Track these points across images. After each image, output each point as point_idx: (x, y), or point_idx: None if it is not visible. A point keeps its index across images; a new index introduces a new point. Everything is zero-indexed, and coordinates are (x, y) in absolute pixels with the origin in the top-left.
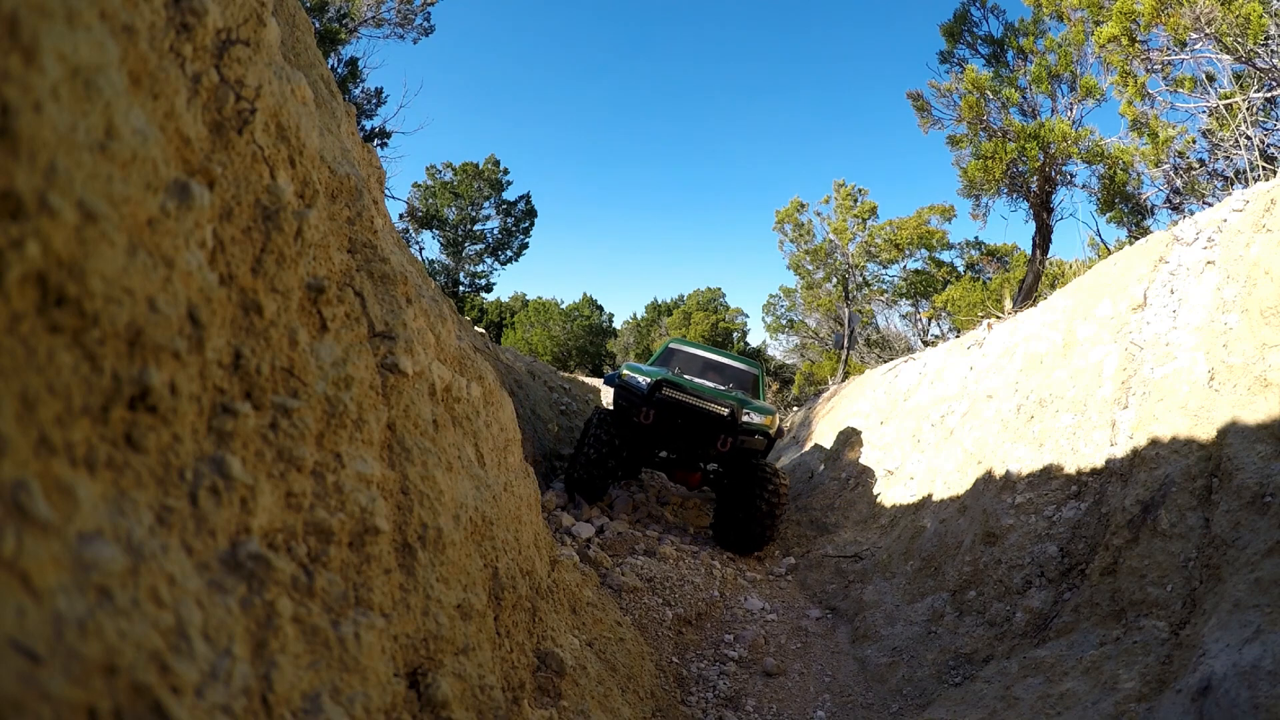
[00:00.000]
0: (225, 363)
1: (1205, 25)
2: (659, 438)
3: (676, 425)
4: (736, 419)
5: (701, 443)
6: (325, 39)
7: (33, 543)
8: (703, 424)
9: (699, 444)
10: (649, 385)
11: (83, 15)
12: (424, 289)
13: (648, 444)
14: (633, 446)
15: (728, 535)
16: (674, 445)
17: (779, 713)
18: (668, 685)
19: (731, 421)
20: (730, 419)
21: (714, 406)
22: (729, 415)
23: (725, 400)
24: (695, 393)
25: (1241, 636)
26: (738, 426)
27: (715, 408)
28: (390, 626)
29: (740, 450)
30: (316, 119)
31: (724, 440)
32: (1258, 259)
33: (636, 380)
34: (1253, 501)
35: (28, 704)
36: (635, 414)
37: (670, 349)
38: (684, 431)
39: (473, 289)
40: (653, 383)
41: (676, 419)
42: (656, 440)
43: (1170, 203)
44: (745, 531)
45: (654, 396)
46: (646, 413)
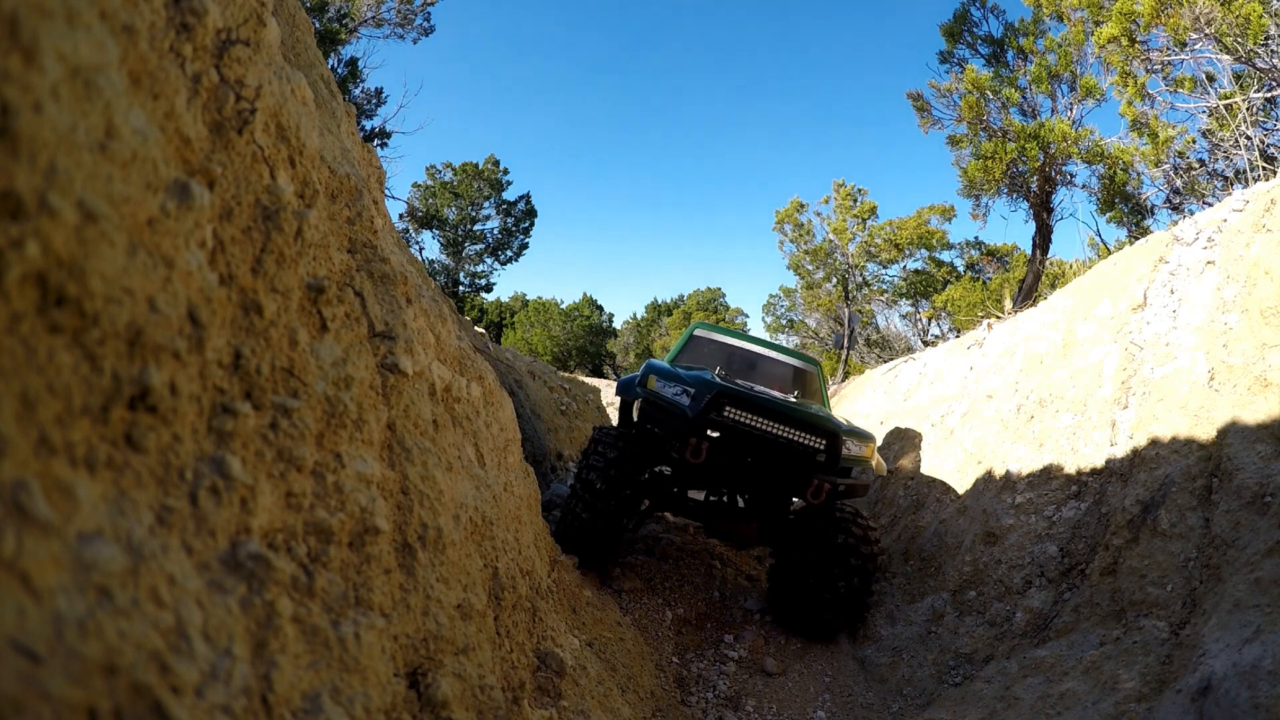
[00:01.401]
0: (225, 363)
1: (1205, 25)
2: (713, 480)
3: (744, 465)
4: (837, 454)
5: (781, 489)
6: (325, 39)
7: (33, 543)
8: (787, 463)
9: (776, 491)
10: (701, 401)
11: (83, 15)
12: (424, 289)
13: (688, 488)
14: (662, 494)
15: (794, 611)
16: (734, 491)
17: (779, 713)
18: (668, 685)
19: (831, 458)
20: (830, 454)
21: (805, 437)
22: (827, 449)
23: (818, 423)
24: (772, 411)
25: (1241, 636)
26: (838, 464)
27: (807, 439)
28: (390, 626)
29: (834, 497)
30: (316, 119)
31: (818, 486)
32: (1258, 259)
33: (675, 394)
34: (1253, 501)
35: (28, 704)
36: (677, 447)
37: (698, 338)
38: (755, 473)
39: (473, 289)
40: (710, 397)
41: (745, 456)
42: (705, 483)
43: (1170, 203)
44: (822, 610)
45: (708, 420)
46: (698, 446)
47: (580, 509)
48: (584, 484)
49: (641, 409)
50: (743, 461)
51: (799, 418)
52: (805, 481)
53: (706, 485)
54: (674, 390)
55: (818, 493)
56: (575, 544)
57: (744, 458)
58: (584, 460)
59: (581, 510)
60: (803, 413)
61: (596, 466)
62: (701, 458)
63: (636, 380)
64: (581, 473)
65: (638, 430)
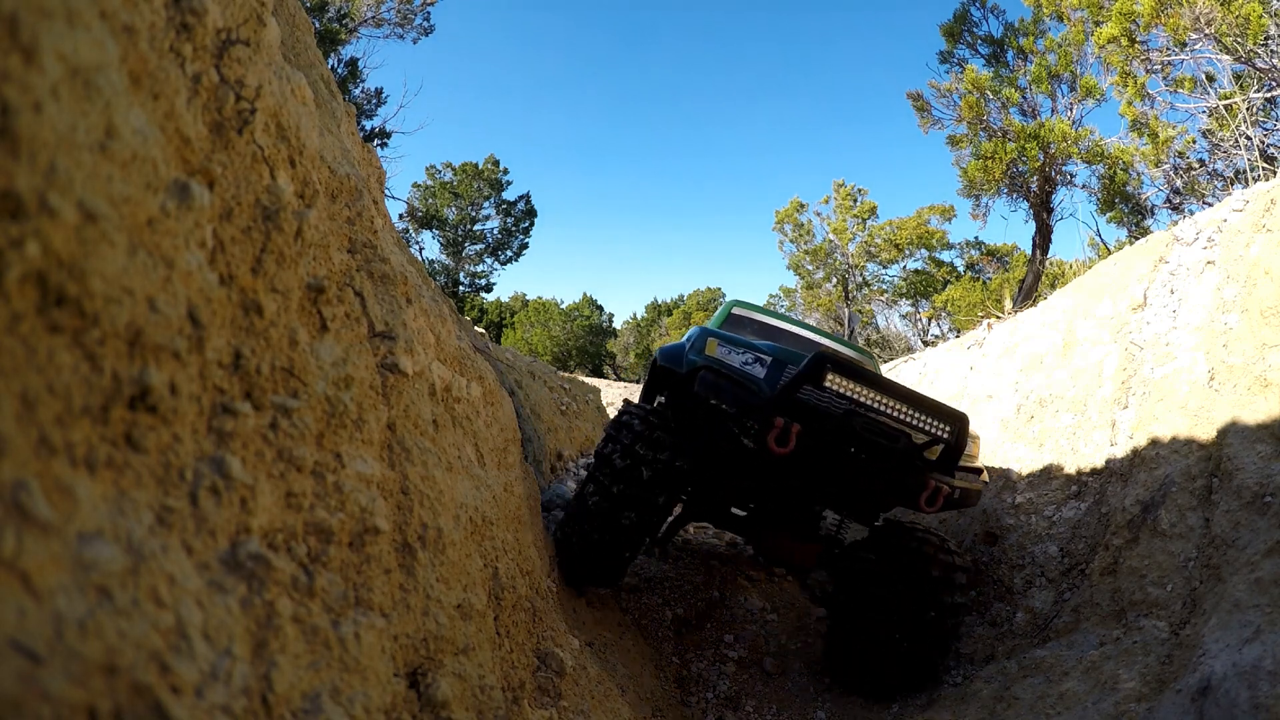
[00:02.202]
0: (225, 363)
1: (1205, 25)
2: (792, 480)
3: (844, 457)
4: (962, 448)
5: (884, 494)
6: (325, 39)
7: (33, 543)
8: (900, 457)
9: (877, 496)
10: (779, 372)
11: (83, 15)
12: (424, 289)
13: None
14: (710, 496)
15: (861, 664)
16: (816, 494)
17: (779, 713)
18: (668, 685)
19: (953, 453)
20: (954, 448)
21: (929, 423)
22: (953, 441)
23: (943, 406)
24: (889, 386)
25: (1241, 636)
26: (958, 461)
27: (932, 425)
28: (390, 626)
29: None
30: (316, 119)
31: (935, 491)
32: (1258, 259)
33: (745, 362)
34: (1253, 501)
35: (28, 704)
36: (754, 430)
37: (737, 316)
38: (857, 470)
39: (473, 289)
40: (812, 361)
41: (849, 444)
42: (781, 483)
43: (1170, 203)
44: (897, 660)
45: (798, 397)
46: (785, 430)
47: (592, 526)
48: (599, 489)
49: (702, 382)
50: (843, 452)
51: (920, 398)
52: (918, 483)
53: (770, 490)
54: (744, 358)
55: (933, 499)
56: (583, 567)
57: (847, 447)
58: (603, 456)
59: (593, 530)
60: (922, 395)
61: (621, 464)
62: (789, 446)
63: (687, 346)
64: (597, 473)
65: (692, 409)
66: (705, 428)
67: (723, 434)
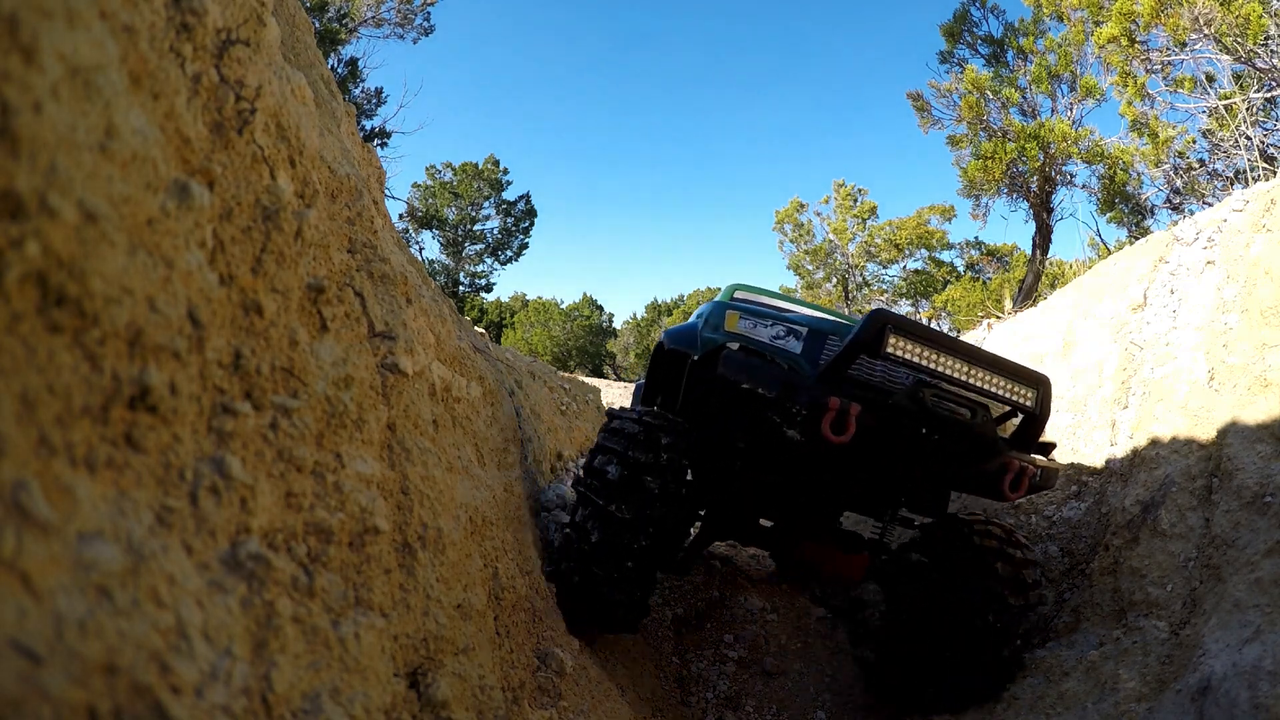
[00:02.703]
0: (225, 363)
1: (1205, 25)
2: (848, 475)
3: (916, 442)
4: (1045, 417)
5: (961, 480)
6: (325, 39)
7: (33, 543)
8: (979, 436)
9: (952, 483)
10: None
11: (83, 15)
12: (424, 289)
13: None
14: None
15: (918, 681)
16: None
17: (779, 713)
18: (668, 685)
19: (1035, 424)
20: (1037, 418)
21: (1011, 389)
22: (1036, 406)
23: (1023, 368)
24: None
25: (1241, 636)
26: (1040, 434)
27: (1015, 391)
28: (390, 626)
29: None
30: (316, 119)
31: (1020, 473)
32: (1258, 259)
33: (776, 336)
34: (1253, 501)
35: (28, 704)
36: (801, 416)
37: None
38: (929, 456)
39: (473, 289)
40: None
41: (919, 425)
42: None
43: (1170, 203)
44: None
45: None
46: (842, 413)
47: (595, 561)
48: (596, 513)
49: (727, 363)
50: (913, 434)
51: (997, 359)
52: (1000, 466)
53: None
54: (773, 331)
55: (1018, 483)
56: (591, 611)
57: (917, 427)
58: (594, 470)
59: (596, 565)
60: (996, 355)
61: (617, 476)
62: (848, 432)
63: (701, 324)
64: (590, 494)
65: (716, 398)
66: (734, 420)
67: (759, 425)
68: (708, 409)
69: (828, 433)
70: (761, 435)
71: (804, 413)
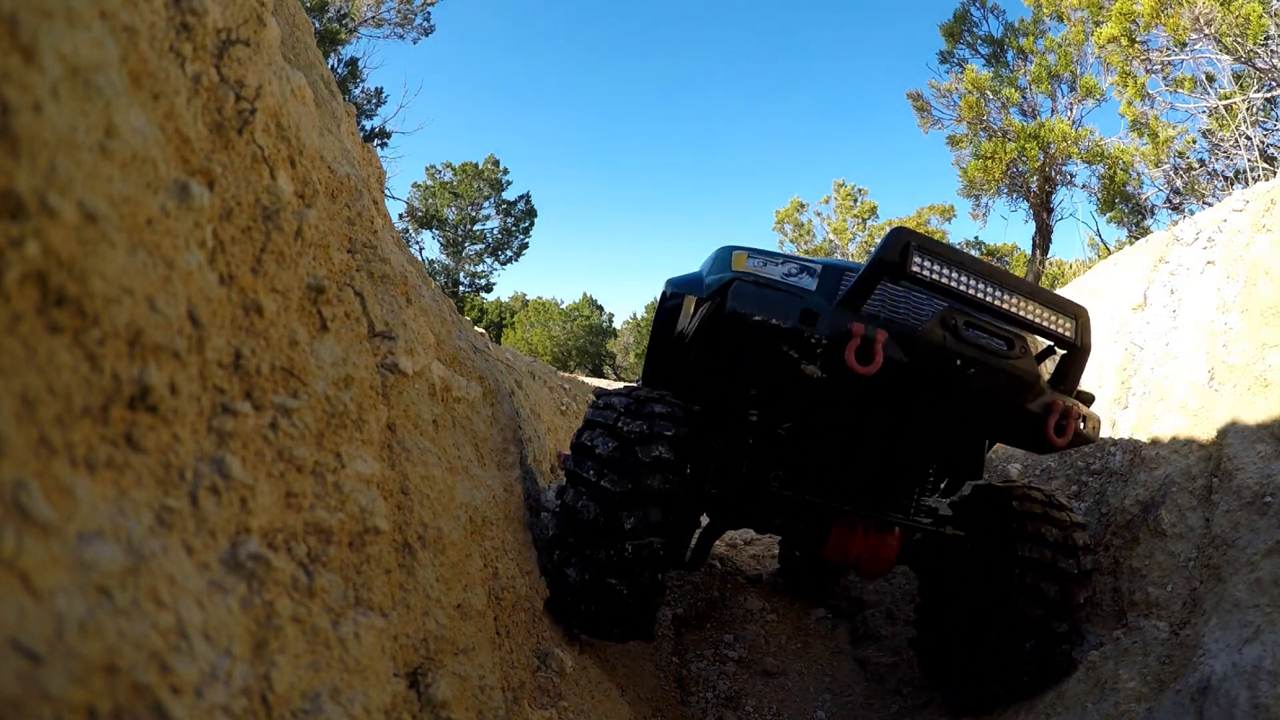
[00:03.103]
0: (225, 363)
1: (1205, 25)
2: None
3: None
4: (1087, 352)
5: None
6: (325, 39)
7: (33, 543)
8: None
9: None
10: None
11: (83, 15)
12: (424, 289)
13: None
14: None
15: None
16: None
17: (779, 713)
18: (668, 685)
19: (1081, 356)
20: (1081, 348)
21: (1052, 318)
22: (1077, 338)
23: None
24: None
25: (1241, 636)
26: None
27: (1054, 321)
28: (390, 626)
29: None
30: (316, 119)
31: (1064, 415)
32: (1258, 259)
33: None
34: (1253, 501)
35: (28, 704)
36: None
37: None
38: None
39: (473, 289)
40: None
41: (953, 358)
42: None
43: (1170, 203)
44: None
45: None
46: (867, 340)
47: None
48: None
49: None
50: (947, 368)
51: (1032, 286)
52: (1044, 407)
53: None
54: (784, 269)
55: (1063, 427)
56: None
57: (951, 359)
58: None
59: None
60: (1027, 281)
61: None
62: (875, 362)
63: (706, 270)
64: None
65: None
66: (744, 365)
67: (773, 366)
68: (714, 360)
69: (852, 362)
70: (775, 377)
71: (825, 342)
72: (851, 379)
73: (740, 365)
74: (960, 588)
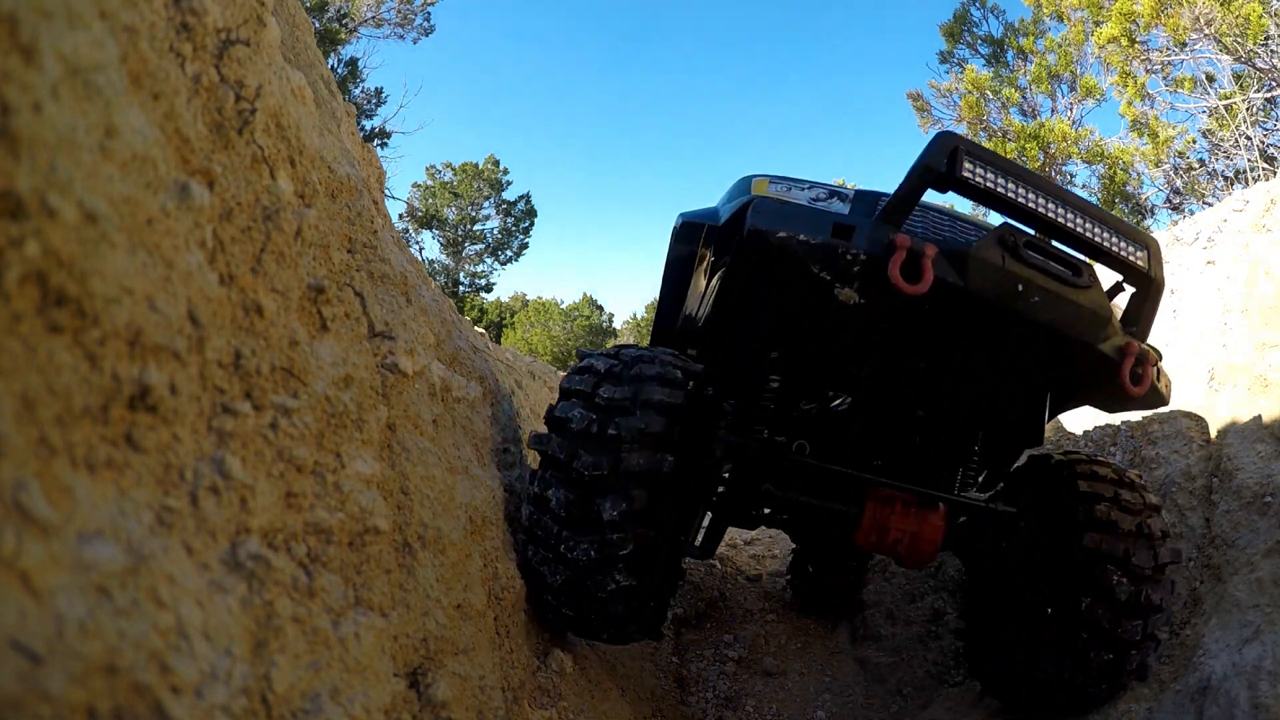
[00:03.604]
0: (225, 363)
1: (1205, 25)
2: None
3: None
4: (1161, 285)
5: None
6: (325, 39)
7: (33, 543)
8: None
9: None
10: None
11: (83, 15)
12: (424, 289)
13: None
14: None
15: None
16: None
17: (779, 713)
18: (668, 685)
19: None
20: (1155, 280)
21: (1120, 245)
22: (1149, 269)
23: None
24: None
25: (1241, 636)
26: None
27: (1123, 247)
28: (390, 626)
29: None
30: (316, 119)
31: (1140, 358)
32: (1258, 259)
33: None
34: (1253, 501)
35: (28, 704)
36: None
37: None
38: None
39: (473, 289)
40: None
41: (1014, 283)
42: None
43: (1170, 203)
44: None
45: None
46: (915, 254)
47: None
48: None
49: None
50: (1006, 294)
51: (1094, 207)
52: (1117, 349)
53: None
54: (811, 194)
55: (1139, 374)
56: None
57: (1011, 284)
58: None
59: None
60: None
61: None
62: (925, 279)
63: (724, 200)
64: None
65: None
66: (764, 301)
67: (801, 289)
68: (730, 300)
69: (897, 278)
70: (802, 314)
71: (863, 258)
72: (893, 307)
73: (760, 302)
74: (1014, 576)
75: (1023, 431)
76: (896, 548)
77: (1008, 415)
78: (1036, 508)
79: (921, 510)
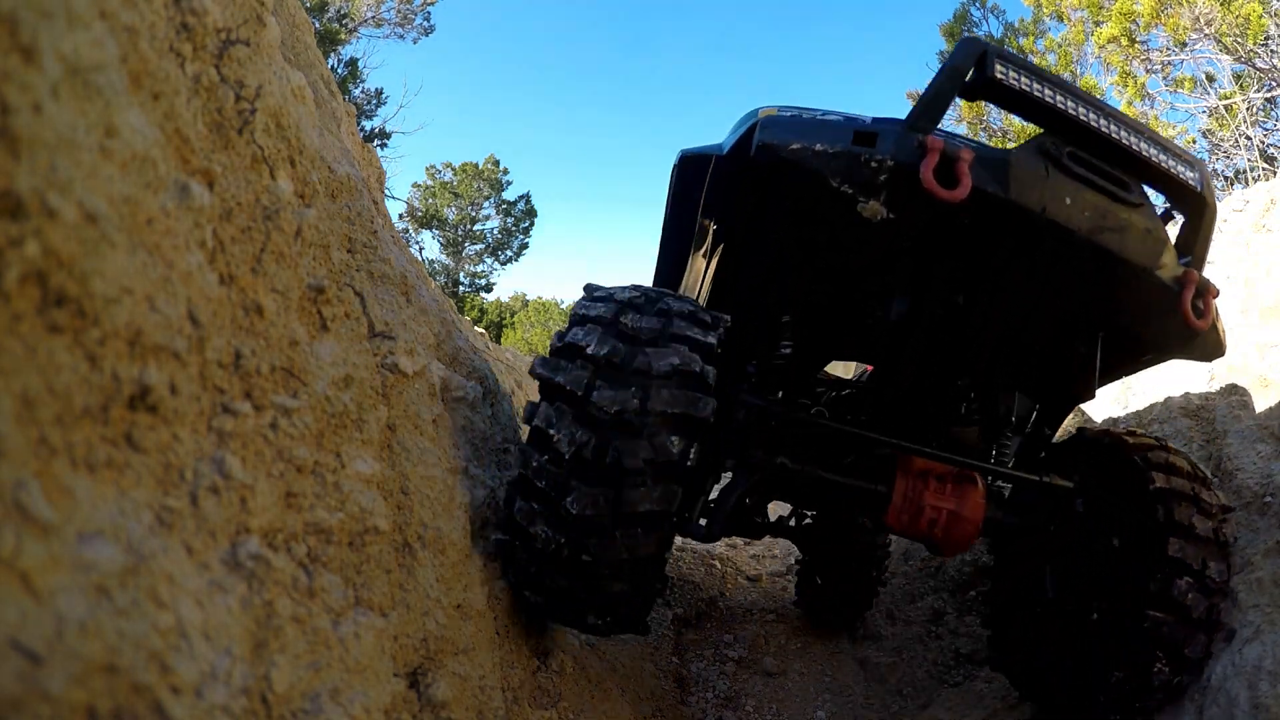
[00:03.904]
0: (225, 363)
1: (1205, 25)
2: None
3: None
4: (1215, 210)
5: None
6: (325, 39)
7: (33, 543)
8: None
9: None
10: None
11: (83, 15)
12: (424, 289)
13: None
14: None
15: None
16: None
17: (779, 713)
18: (668, 685)
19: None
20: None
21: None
22: (1202, 190)
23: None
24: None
25: (1241, 636)
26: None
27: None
28: (390, 626)
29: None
30: (316, 119)
31: (1202, 285)
32: (1258, 259)
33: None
34: (1253, 501)
35: (28, 704)
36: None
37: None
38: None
39: (473, 289)
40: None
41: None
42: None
43: None
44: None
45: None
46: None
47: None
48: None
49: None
50: (1055, 208)
51: (1136, 122)
52: (1175, 278)
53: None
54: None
55: (1202, 306)
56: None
57: (1059, 198)
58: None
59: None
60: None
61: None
62: (962, 185)
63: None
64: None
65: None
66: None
67: (820, 208)
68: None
69: (931, 182)
70: (821, 240)
71: (891, 163)
72: (925, 221)
73: (770, 239)
74: (1057, 564)
75: (1072, 383)
76: (932, 530)
77: (1056, 361)
78: (1093, 492)
79: (960, 485)
